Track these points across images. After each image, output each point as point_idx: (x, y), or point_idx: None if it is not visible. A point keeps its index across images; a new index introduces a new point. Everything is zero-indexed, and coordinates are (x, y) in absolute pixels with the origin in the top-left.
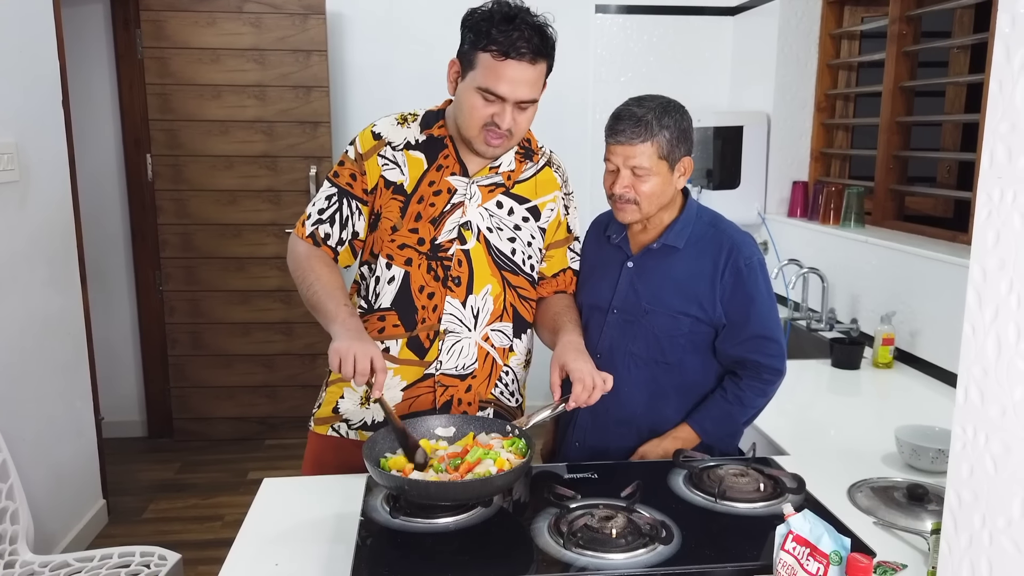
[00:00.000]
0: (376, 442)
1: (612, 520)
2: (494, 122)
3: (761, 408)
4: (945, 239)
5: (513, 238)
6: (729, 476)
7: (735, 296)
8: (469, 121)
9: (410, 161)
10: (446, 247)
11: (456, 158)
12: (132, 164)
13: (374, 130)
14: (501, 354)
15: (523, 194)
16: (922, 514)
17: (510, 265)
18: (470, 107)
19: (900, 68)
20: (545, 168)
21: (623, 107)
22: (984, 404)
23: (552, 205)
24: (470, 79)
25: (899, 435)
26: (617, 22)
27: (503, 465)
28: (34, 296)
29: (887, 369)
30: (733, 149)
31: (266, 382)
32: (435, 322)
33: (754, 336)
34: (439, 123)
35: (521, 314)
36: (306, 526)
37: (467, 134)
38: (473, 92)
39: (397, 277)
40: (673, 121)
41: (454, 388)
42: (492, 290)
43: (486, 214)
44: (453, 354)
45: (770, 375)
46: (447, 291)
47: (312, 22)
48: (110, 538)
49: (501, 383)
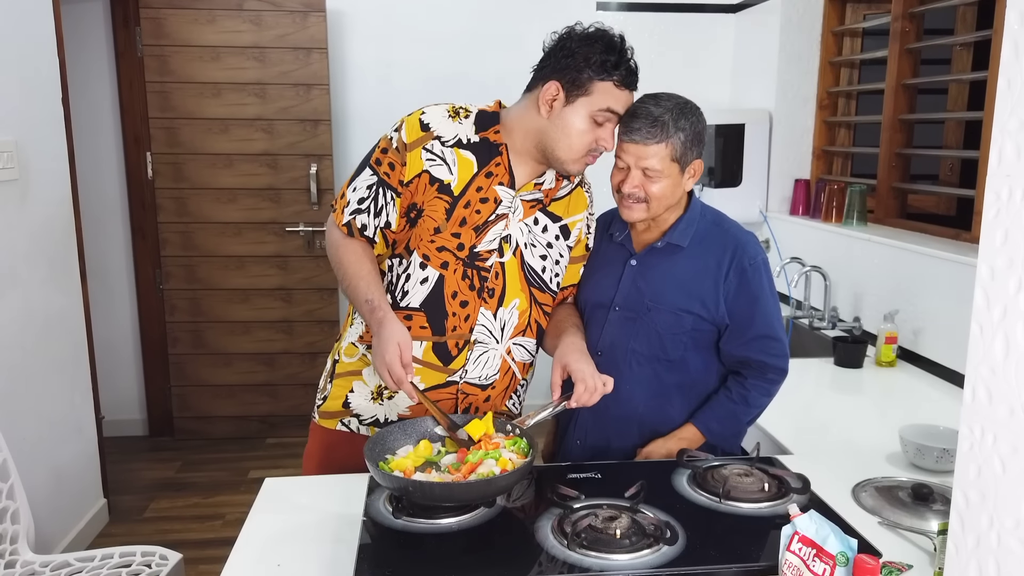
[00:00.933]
0: (376, 443)
1: (616, 520)
2: (599, 146)
3: (764, 407)
4: (948, 237)
5: (544, 255)
6: (733, 476)
7: (739, 296)
8: (573, 145)
9: (460, 160)
10: (485, 257)
11: (507, 167)
12: (132, 162)
13: (423, 119)
14: (521, 368)
15: (557, 212)
16: (927, 514)
17: (539, 282)
18: (578, 132)
19: (903, 65)
20: (578, 188)
21: (639, 104)
22: (992, 404)
23: (580, 225)
24: (582, 103)
25: (903, 434)
26: (618, 19)
27: (506, 465)
28: (34, 294)
29: (890, 368)
30: (735, 147)
31: (267, 381)
32: (466, 331)
33: (759, 336)
34: (495, 127)
35: (543, 329)
36: (308, 526)
37: (566, 155)
38: (584, 117)
39: (431, 279)
40: (689, 124)
41: (474, 397)
42: (519, 304)
43: (525, 229)
44: (479, 364)
45: (775, 374)
46: (482, 302)
47: (312, 19)
48: (111, 537)
49: (515, 395)
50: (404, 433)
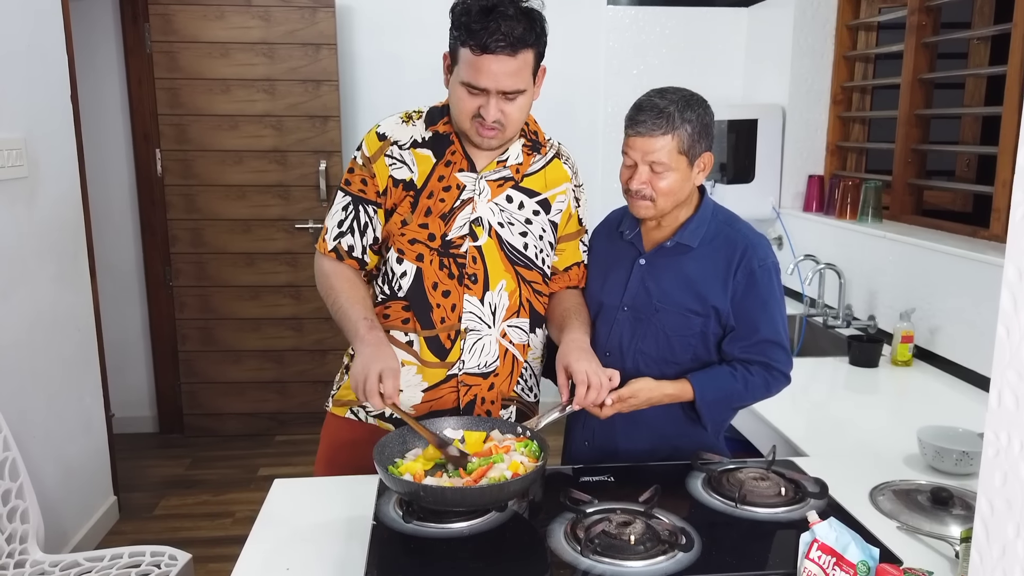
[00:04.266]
0: (386, 446)
1: (630, 526)
2: (480, 115)
3: (756, 401)
4: (965, 234)
5: (525, 232)
6: (749, 480)
7: (747, 298)
8: (458, 115)
9: (418, 159)
10: (458, 243)
11: (463, 154)
12: (141, 159)
13: (379, 131)
14: (521, 350)
15: (533, 187)
16: (947, 519)
17: (523, 260)
18: (457, 100)
19: (919, 60)
20: (554, 160)
21: (644, 98)
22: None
23: (562, 197)
24: (456, 73)
25: (922, 436)
26: (629, 14)
27: (517, 469)
28: (43, 292)
29: (906, 367)
30: (747, 142)
31: (276, 378)
32: (455, 321)
33: (764, 341)
34: (444, 119)
35: (536, 309)
36: (317, 528)
37: (460, 127)
38: (459, 86)
39: (409, 272)
40: (696, 115)
41: (477, 387)
42: (507, 285)
43: (496, 209)
44: (475, 352)
45: (777, 378)
46: (464, 289)
47: (321, 15)
48: (121, 535)
49: (522, 379)
50: (414, 435)
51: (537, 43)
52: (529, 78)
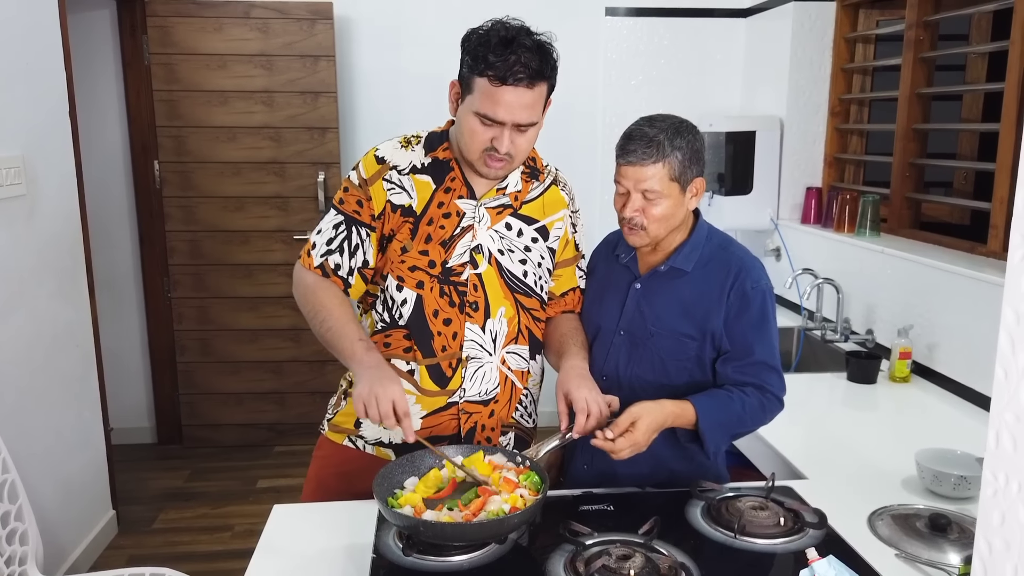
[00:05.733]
0: (385, 478)
1: (630, 560)
2: (493, 146)
3: (753, 428)
4: (963, 250)
5: (524, 260)
6: (748, 510)
7: (740, 319)
8: (470, 145)
9: (417, 185)
10: (458, 271)
11: (463, 180)
12: (139, 170)
13: (377, 154)
14: (520, 377)
15: (531, 214)
16: (944, 545)
17: (522, 287)
18: (470, 131)
19: (917, 74)
20: (552, 187)
21: (634, 127)
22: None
23: (560, 224)
24: (469, 103)
25: (920, 460)
26: (627, 24)
27: (516, 502)
28: (42, 311)
29: (904, 383)
30: (745, 154)
31: (275, 388)
32: (456, 350)
33: (759, 363)
34: (443, 145)
35: (535, 336)
36: (317, 558)
37: (468, 157)
38: (472, 116)
39: (410, 300)
40: (685, 142)
41: (477, 414)
42: (506, 312)
43: (496, 236)
44: (476, 380)
45: (772, 398)
46: (466, 317)
47: (320, 27)
48: (120, 549)
49: (521, 406)
50: (412, 465)
51: (551, 76)
52: (541, 110)
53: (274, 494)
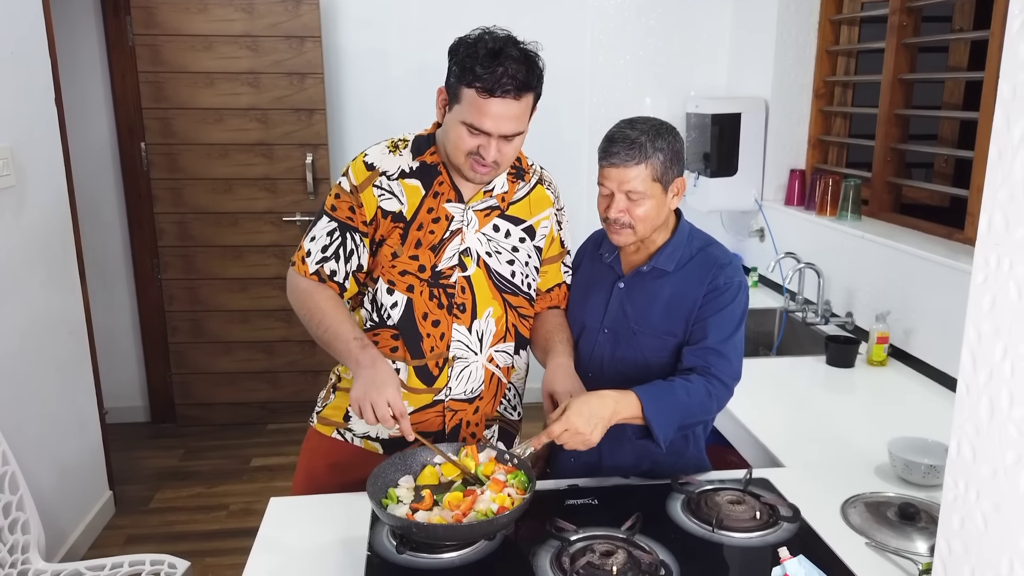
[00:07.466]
0: (378, 477)
1: (612, 556)
2: (479, 153)
3: (702, 415)
4: (941, 235)
5: (512, 260)
6: (726, 504)
7: (705, 308)
8: (454, 152)
9: (407, 189)
10: (447, 274)
11: (451, 184)
12: (127, 153)
13: (366, 160)
14: (504, 372)
15: (518, 215)
16: (913, 533)
17: (510, 287)
18: (456, 138)
19: (899, 59)
20: (537, 186)
21: (616, 130)
22: (976, 462)
23: (546, 223)
24: (456, 112)
25: (892, 449)
26: (614, 4)
27: (504, 501)
28: (34, 300)
29: (881, 367)
30: (731, 136)
31: (266, 368)
32: (444, 350)
33: (709, 348)
34: (431, 149)
35: (522, 333)
36: (314, 553)
37: (454, 162)
38: (459, 125)
39: (400, 303)
40: (666, 143)
41: (463, 412)
42: (494, 312)
43: (484, 239)
44: (462, 379)
45: (717, 383)
46: (453, 318)
47: (305, 8)
48: (118, 529)
49: (505, 399)
50: (404, 464)
51: (537, 86)
52: (527, 120)
53: (268, 473)
